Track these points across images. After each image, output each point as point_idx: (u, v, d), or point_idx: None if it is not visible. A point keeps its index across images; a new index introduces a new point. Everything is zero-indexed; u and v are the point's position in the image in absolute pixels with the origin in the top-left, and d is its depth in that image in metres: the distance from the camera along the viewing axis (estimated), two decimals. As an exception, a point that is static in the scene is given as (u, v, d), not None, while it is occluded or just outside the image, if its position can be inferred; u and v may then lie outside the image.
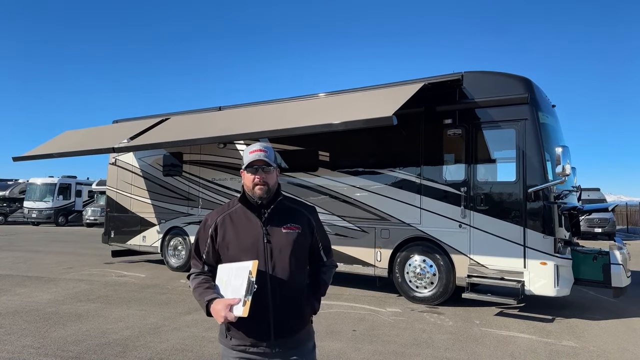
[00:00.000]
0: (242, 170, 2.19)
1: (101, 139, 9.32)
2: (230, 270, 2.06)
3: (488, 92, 7.00)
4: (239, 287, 1.96)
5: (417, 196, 7.50)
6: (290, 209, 2.24)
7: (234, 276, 2.02)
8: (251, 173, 2.13)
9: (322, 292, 2.28)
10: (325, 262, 2.35)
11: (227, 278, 2.06)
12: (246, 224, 2.15)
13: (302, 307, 2.15)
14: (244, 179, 2.18)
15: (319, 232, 2.32)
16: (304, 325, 2.17)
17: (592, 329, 6.08)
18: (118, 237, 11.60)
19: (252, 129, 7.20)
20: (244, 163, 2.16)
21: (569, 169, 6.25)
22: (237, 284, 1.98)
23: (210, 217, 2.23)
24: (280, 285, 2.07)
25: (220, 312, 1.94)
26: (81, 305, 7.00)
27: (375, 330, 5.81)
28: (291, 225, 2.17)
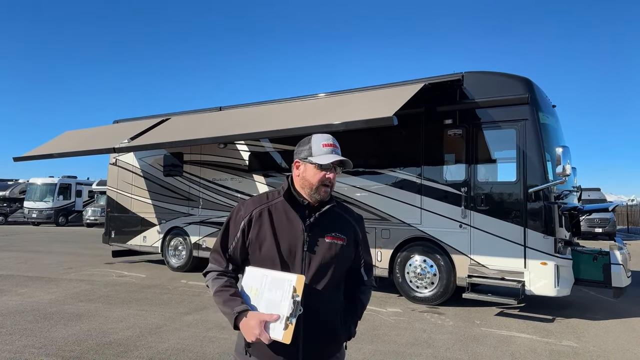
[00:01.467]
0: (302, 162, 1.90)
1: (102, 139, 9.33)
2: (265, 278, 1.75)
3: (488, 92, 7.01)
4: (278, 303, 1.66)
5: (417, 196, 7.50)
6: (338, 215, 1.95)
7: (270, 287, 1.71)
8: (324, 169, 1.85)
9: (360, 315, 2.02)
10: (365, 282, 2.05)
11: (259, 287, 1.74)
12: (286, 224, 1.84)
13: (338, 330, 1.88)
14: (306, 173, 1.87)
15: (364, 247, 2.05)
16: (337, 351, 1.91)
17: (592, 329, 6.08)
18: (118, 237, 11.61)
19: (252, 129, 7.21)
20: (312, 154, 1.87)
21: (569, 169, 6.26)
22: (276, 298, 1.67)
23: (245, 206, 1.90)
24: (316, 304, 1.77)
25: (254, 330, 1.64)
26: (82, 305, 7.00)
27: (376, 330, 5.82)
28: (337, 236, 1.88)
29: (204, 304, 7.16)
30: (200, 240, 9.99)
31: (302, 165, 1.90)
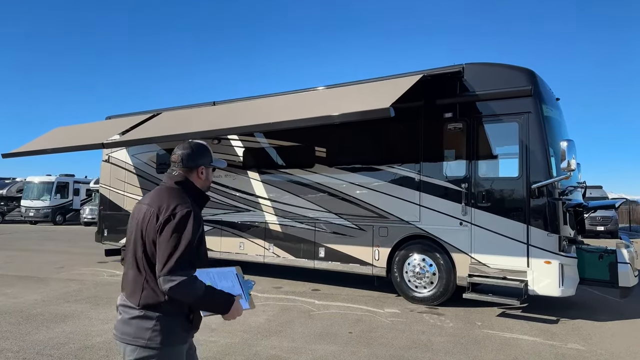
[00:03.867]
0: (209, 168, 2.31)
1: (91, 135, 9.08)
2: (210, 274, 2.10)
3: (490, 84, 6.74)
4: (232, 287, 2.12)
5: (416, 193, 7.24)
6: None
7: (220, 279, 2.11)
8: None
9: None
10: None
11: (211, 282, 2.07)
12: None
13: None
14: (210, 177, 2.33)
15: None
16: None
17: (598, 331, 5.83)
18: (111, 235, 11.35)
19: (244, 122, 6.95)
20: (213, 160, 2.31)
21: (574, 164, 5.99)
22: (228, 285, 2.12)
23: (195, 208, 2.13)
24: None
25: (240, 309, 2.06)
26: (68, 306, 6.75)
27: (373, 333, 5.56)
28: None
29: (195, 304, 6.90)
30: (193, 239, 9.72)
31: (209, 170, 2.32)
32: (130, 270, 2.07)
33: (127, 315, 2.02)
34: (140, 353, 1.98)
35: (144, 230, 2.03)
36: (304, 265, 8.30)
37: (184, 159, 2.20)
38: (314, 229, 8.23)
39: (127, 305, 2.04)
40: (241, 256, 9.08)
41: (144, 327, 1.97)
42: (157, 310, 1.98)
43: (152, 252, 2.00)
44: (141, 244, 2.03)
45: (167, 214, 1.98)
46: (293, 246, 8.46)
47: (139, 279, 2.02)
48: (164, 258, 1.92)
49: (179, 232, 1.95)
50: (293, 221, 8.48)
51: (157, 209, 2.02)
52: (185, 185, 2.17)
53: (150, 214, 2.02)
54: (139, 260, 2.04)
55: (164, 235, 1.96)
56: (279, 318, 6.16)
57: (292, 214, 8.50)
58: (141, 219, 2.06)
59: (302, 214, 8.38)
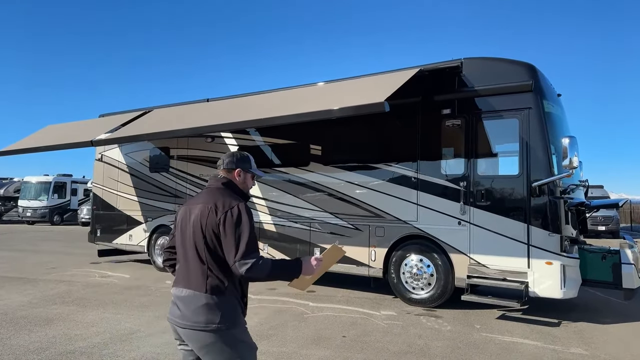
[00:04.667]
0: (247, 173, 2.54)
1: (82, 133, 8.88)
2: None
3: (489, 79, 6.54)
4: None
5: (413, 192, 7.04)
6: None
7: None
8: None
9: None
10: None
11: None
12: None
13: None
14: (247, 181, 2.55)
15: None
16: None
17: (602, 334, 5.62)
18: (104, 235, 11.16)
19: (235, 119, 6.73)
20: (252, 168, 2.55)
21: (576, 161, 5.79)
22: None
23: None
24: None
25: (313, 261, 2.38)
26: (55, 308, 6.55)
27: (367, 336, 5.36)
28: None
29: (186, 306, 6.70)
30: (187, 239, 9.52)
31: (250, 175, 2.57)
32: (188, 263, 2.29)
33: (194, 305, 2.20)
34: (215, 337, 2.18)
35: (204, 225, 2.25)
36: (299, 266, 8.08)
37: (225, 162, 2.51)
38: (309, 229, 8.03)
39: (191, 295, 2.23)
40: (235, 257, 8.86)
41: (213, 312, 2.18)
42: (222, 295, 2.22)
43: (214, 244, 2.23)
44: (202, 237, 2.25)
45: (225, 209, 2.24)
46: (288, 246, 8.25)
47: (201, 268, 2.23)
48: (234, 247, 2.17)
49: (240, 223, 2.21)
50: (288, 221, 8.28)
51: (214, 205, 2.27)
52: (229, 185, 2.45)
53: (208, 210, 2.26)
54: (201, 252, 2.25)
55: (228, 228, 2.20)
56: (272, 321, 5.96)
57: (287, 213, 8.29)
58: (199, 216, 2.28)
59: (297, 213, 8.18)
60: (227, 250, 2.19)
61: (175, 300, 2.30)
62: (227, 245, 2.20)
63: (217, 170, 2.56)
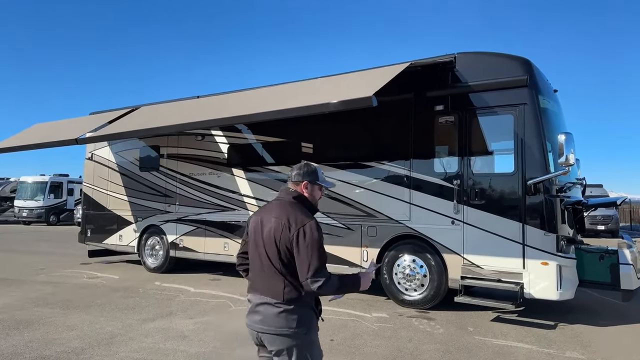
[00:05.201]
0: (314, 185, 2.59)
1: (67, 130, 8.69)
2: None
3: (483, 74, 6.35)
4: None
5: (406, 190, 6.85)
6: None
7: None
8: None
9: None
10: None
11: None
12: None
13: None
14: (315, 193, 2.60)
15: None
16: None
17: (599, 337, 5.44)
18: (94, 236, 10.97)
19: (219, 115, 6.55)
20: (319, 179, 2.60)
21: (572, 158, 5.60)
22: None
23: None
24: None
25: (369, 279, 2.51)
26: (37, 310, 6.37)
27: (356, 340, 5.17)
28: None
29: (171, 309, 6.52)
30: (177, 240, 9.35)
31: (317, 186, 2.61)
32: (264, 273, 2.40)
33: (273, 311, 2.33)
34: (290, 341, 2.31)
35: (277, 240, 2.36)
36: (290, 266, 7.90)
37: (293, 175, 2.58)
38: (301, 229, 7.83)
39: (267, 302, 2.35)
40: (226, 257, 8.69)
41: (291, 318, 2.31)
42: (298, 303, 2.33)
43: (287, 257, 2.35)
44: (276, 250, 2.36)
45: (297, 226, 2.33)
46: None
47: (278, 278, 2.35)
48: (307, 265, 2.28)
49: (312, 241, 2.31)
50: (279, 220, 8.07)
51: (287, 221, 2.36)
52: (299, 199, 2.52)
53: (282, 226, 2.36)
54: (275, 264, 2.36)
55: (301, 245, 2.31)
56: (258, 324, 5.77)
57: (278, 213, 8.09)
58: (272, 230, 2.38)
59: (288, 213, 7.98)
60: (300, 267, 2.31)
61: (254, 307, 2.42)
62: (299, 261, 2.31)
63: (287, 183, 2.63)
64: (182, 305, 6.79)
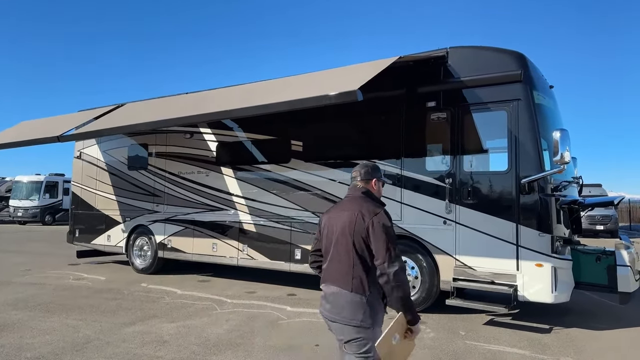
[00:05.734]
0: (381, 180, 2.81)
1: (51, 128, 8.48)
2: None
3: (476, 69, 6.14)
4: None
5: (397, 189, 6.64)
6: None
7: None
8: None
9: None
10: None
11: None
12: None
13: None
14: (380, 189, 2.81)
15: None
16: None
17: (595, 342, 5.23)
18: (83, 236, 10.77)
19: (201, 111, 6.34)
20: (382, 175, 2.87)
21: (568, 156, 5.38)
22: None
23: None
24: None
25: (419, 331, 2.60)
26: (15, 313, 6.16)
27: (342, 345, 4.95)
28: None
29: (155, 312, 6.31)
30: (165, 240, 9.13)
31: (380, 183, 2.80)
32: (336, 264, 2.54)
33: (341, 301, 2.46)
34: (357, 332, 2.43)
35: (352, 232, 2.49)
36: (279, 268, 7.71)
37: (362, 174, 2.74)
38: (290, 229, 7.63)
39: (337, 292, 2.48)
40: (214, 258, 8.49)
41: (358, 310, 2.43)
42: (364, 294, 2.43)
43: (361, 247, 2.46)
44: (350, 241, 2.48)
45: (371, 215, 2.47)
46: (268, 247, 7.86)
47: (348, 270, 2.47)
48: (382, 250, 2.40)
49: (386, 229, 2.44)
50: (268, 220, 7.88)
51: (360, 212, 2.50)
52: (368, 194, 2.68)
53: (355, 217, 2.50)
54: (348, 255, 2.48)
55: (377, 232, 2.43)
56: (242, 328, 5.57)
57: (267, 212, 7.90)
58: (347, 222, 2.52)
59: (277, 212, 7.78)
60: (376, 251, 2.42)
61: (325, 296, 2.57)
62: (376, 247, 2.42)
63: (353, 181, 2.77)
64: (166, 308, 6.58)
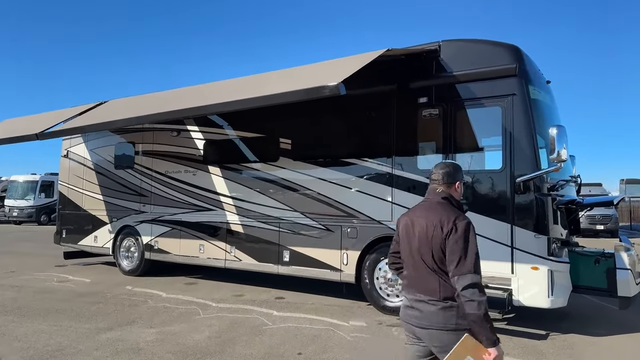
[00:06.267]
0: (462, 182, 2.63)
1: (32, 126, 8.23)
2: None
3: (470, 63, 5.88)
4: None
5: (388, 189, 6.39)
6: None
7: None
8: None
9: None
10: None
11: None
12: None
13: None
14: (461, 190, 2.65)
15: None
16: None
17: (594, 348, 4.98)
18: (70, 237, 10.51)
19: (178, 107, 6.09)
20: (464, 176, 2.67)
21: (565, 154, 5.13)
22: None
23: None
24: None
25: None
26: (-11, 318, 5.91)
27: (326, 354, 4.70)
28: None
29: (134, 317, 6.06)
30: (152, 241, 8.88)
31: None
32: (419, 272, 2.44)
33: (431, 308, 2.37)
34: (451, 336, 2.29)
35: (430, 240, 2.38)
36: (267, 270, 7.45)
37: (445, 177, 2.56)
38: (278, 230, 7.37)
39: (424, 300, 2.39)
40: (201, 260, 8.23)
41: (450, 314, 2.32)
42: (456, 300, 2.30)
43: (440, 257, 2.35)
44: (429, 250, 2.38)
45: (449, 225, 2.33)
46: (256, 249, 7.60)
47: (433, 278, 2.38)
48: (456, 262, 2.27)
49: (465, 240, 2.30)
50: (256, 221, 7.62)
51: (439, 221, 2.37)
52: (449, 199, 2.52)
53: (434, 226, 2.38)
54: (429, 263, 2.39)
55: (452, 244, 2.30)
56: (224, 334, 5.31)
57: (255, 212, 7.64)
58: (425, 230, 2.41)
59: (265, 212, 7.52)
60: (451, 263, 2.29)
61: (412, 304, 2.47)
62: (451, 258, 2.30)
63: (433, 184, 2.61)
64: (148, 312, 6.33)
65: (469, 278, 2.22)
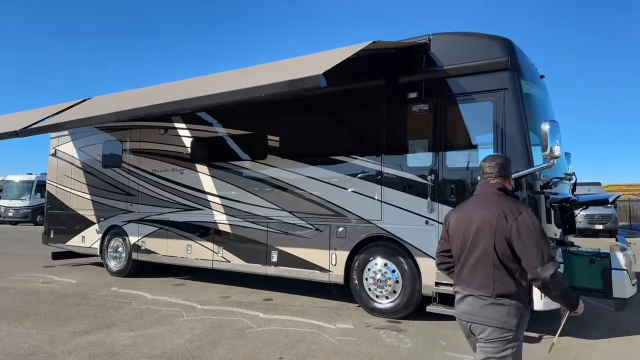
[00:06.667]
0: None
1: (14, 123, 8.04)
2: None
3: (460, 57, 5.70)
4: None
5: (377, 187, 6.21)
6: None
7: None
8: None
9: None
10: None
11: None
12: None
13: None
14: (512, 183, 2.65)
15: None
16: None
17: (588, 352, 4.80)
18: (58, 237, 10.33)
19: (156, 102, 5.90)
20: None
21: (558, 150, 4.94)
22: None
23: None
24: None
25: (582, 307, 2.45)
26: (-36, 321, 5.72)
27: (308, 358, 4.51)
28: None
29: (116, 319, 5.87)
30: (139, 242, 8.69)
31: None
32: (473, 267, 2.40)
33: (482, 302, 2.35)
34: (500, 333, 2.31)
35: (493, 232, 2.32)
36: (255, 271, 7.26)
37: (499, 169, 2.52)
38: (266, 230, 7.19)
39: (476, 295, 2.37)
40: (188, 261, 8.05)
41: (501, 312, 2.31)
42: (509, 297, 2.31)
43: (503, 249, 2.30)
44: (491, 243, 2.32)
45: (515, 215, 2.29)
46: (243, 249, 7.41)
47: (489, 273, 2.34)
48: (535, 252, 2.24)
49: (536, 228, 2.28)
50: (244, 220, 7.43)
51: (502, 212, 2.32)
52: (504, 190, 2.48)
53: (496, 217, 2.32)
54: (488, 258, 2.34)
55: (523, 234, 2.26)
56: (205, 338, 5.12)
57: (243, 212, 7.45)
58: (486, 223, 2.35)
59: (253, 212, 7.33)
60: (526, 256, 2.26)
61: (462, 298, 2.46)
62: (525, 251, 2.26)
63: (484, 177, 2.57)
64: (130, 314, 6.14)
65: (551, 268, 2.22)
